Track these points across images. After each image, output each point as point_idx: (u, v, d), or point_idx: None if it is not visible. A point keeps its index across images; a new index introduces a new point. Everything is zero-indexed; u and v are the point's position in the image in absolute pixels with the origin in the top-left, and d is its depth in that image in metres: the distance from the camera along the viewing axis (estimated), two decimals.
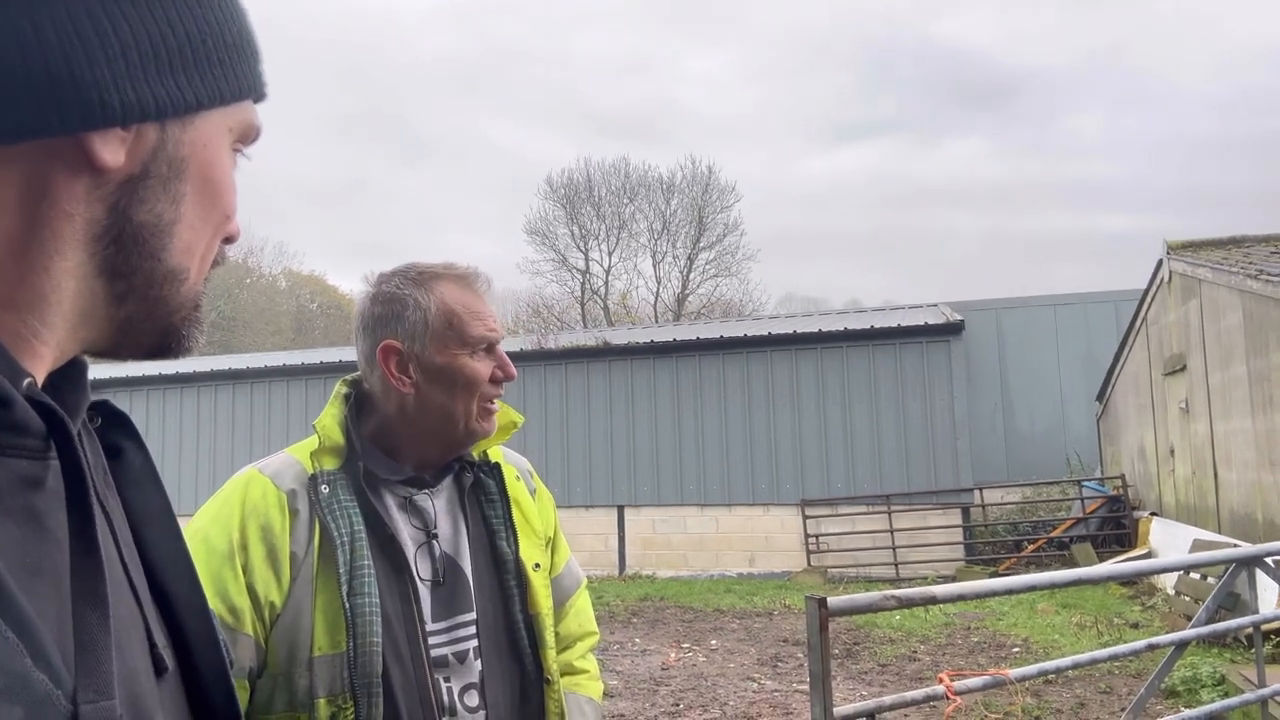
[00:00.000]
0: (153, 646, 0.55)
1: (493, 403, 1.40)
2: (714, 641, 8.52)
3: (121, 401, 16.30)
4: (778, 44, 51.86)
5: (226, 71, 0.55)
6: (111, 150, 0.50)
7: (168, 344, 0.58)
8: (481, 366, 1.36)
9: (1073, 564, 10.99)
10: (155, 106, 0.51)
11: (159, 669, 0.55)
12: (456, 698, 1.30)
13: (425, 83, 56.20)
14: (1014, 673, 2.79)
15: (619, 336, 15.64)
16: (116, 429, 0.61)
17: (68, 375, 0.55)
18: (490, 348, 1.38)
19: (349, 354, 17.26)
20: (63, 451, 0.49)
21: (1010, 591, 2.81)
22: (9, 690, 0.41)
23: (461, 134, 52.93)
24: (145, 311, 0.55)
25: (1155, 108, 52.68)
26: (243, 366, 15.74)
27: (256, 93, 0.60)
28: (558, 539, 1.60)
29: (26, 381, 0.48)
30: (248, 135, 0.60)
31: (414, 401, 1.35)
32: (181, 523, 1.36)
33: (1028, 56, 53.39)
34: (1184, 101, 51.82)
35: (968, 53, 51.66)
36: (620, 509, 13.49)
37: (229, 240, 0.61)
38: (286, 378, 15.17)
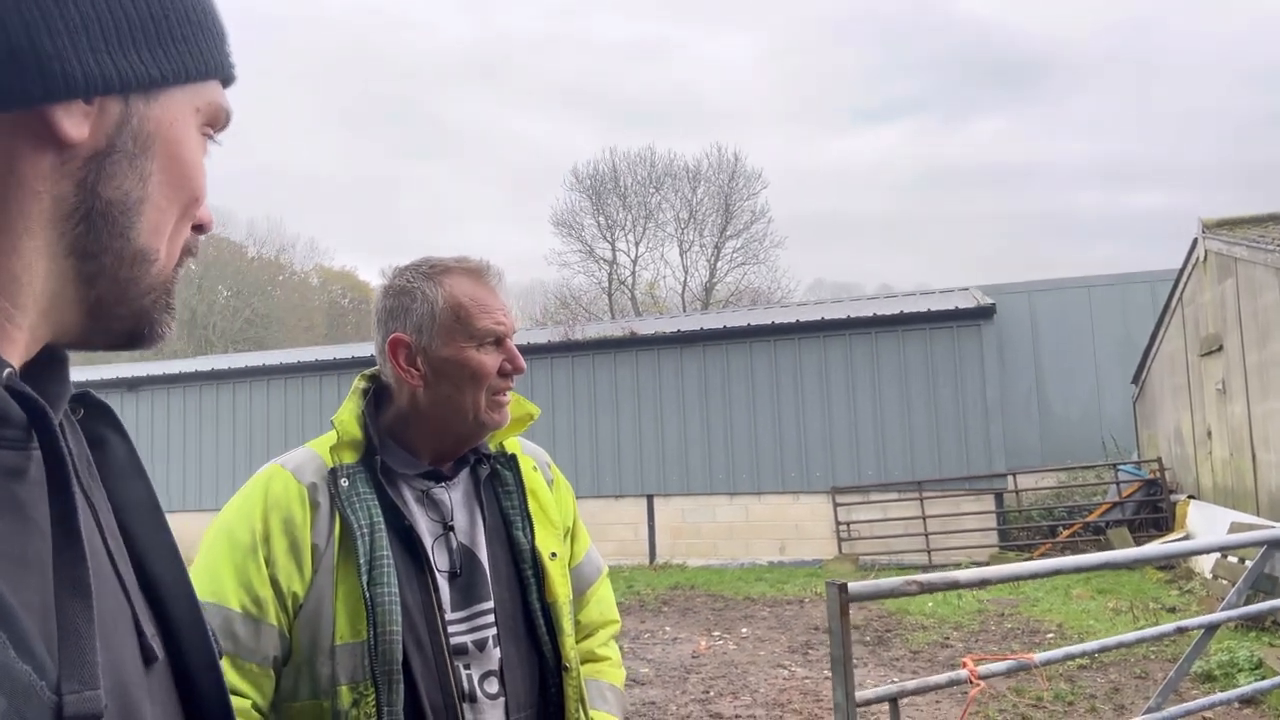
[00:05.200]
0: (141, 636, 0.55)
1: (504, 395, 1.40)
2: (744, 629, 8.54)
3: (160, 399, 16.57)
4: (797, 25, 51.36)
5: (191, 48, 0.55)
6: (75, 124, 0.49)
7: (140, 330, 0.57)
8: (489, 359, 1.37)
9: (1109, 549, 10.86)
10: (118, 79, 0.50)
11: (148, 658, 0.55)
12: (476, 685, 1.32)
13: (446, 76, 56.39)
14: (1039, 657, 2.79)
15: (646, 326, 15.65)
16: (99, 420, 0.61)
17: (49, 367, 0.55)
18: (499, 341, 1.38)
19: None
20: (44, 442, 0.49)
21: (1035, 575, 2.80)
22: None
23: (484, 126, 53.13)
24: (116, 294, 0.54)
25: (1184, 82, 51.55)
26: (277, 363, 15.97)
27: (224, 74, 0.59)
28: (577, 529, 1.61)
29: (6, 372, 0.48)
30: (217, 119, 0.59)
31: (423, 394, 1.37)
32: (209, 518, 1.40)
33: (1052, 31, 52.43)
34: (1214, 74, 50.64)
35: (990, 29, 50.85)
36: (650, 498, 13.53)
37: (201, 229, 0.60)
38: (320, 373, 15.36)
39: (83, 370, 19.51)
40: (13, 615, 0.43)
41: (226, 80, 0.60)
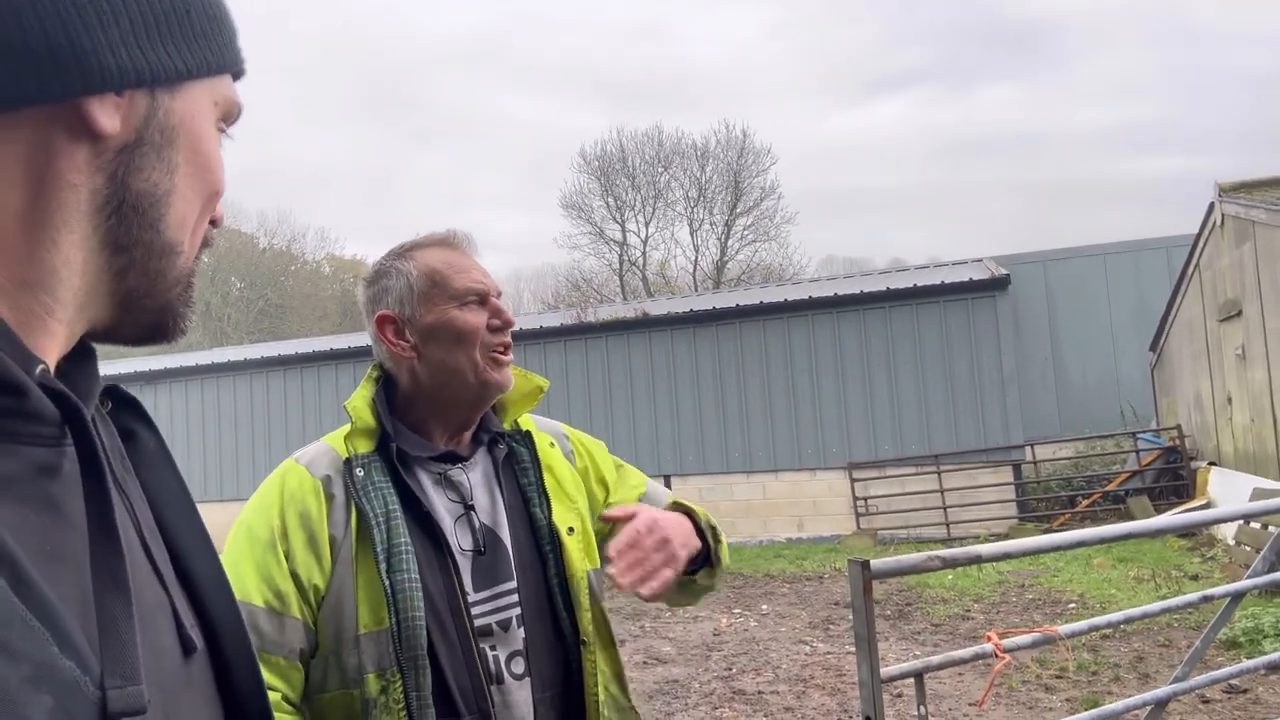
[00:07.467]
0: (180, 627, 0.55)
1: (502, 352, 1.40)
2: (765, 606, 8.57)
3: (179, 391, 16.63)
4: None
5: (210, 42, 0.56)
6: (108, 116, 0.50)
7: (165, 323, 0.58)
8: (473, 317, 1.37)
9: (1129, 518, 10.81)
10: (150, 72, 0.52)
11: (187, 649, 0.55)
12: (503, 665, 1.32)
13: (448, 60, 56.20)
14: (1064, 629, 2.77)
15: (658, 307, 15.63)
16: (128, 413, 0.61)
17: (79, 362, 0.55)
18: (482, 300, 1.39)
19: None
20: (78, 438, 0.49)
21: (1057, 548, 2.77)
22: (37, 678, 0.41)
23: (489, 111, 52.95)
24: (146, 287, 0.55)
25: (1197, 43, 50.73)
26: (292, 352, 16.04)
27: (236, 67, 0.60)
28: (624, 472, 1.60)
29: (39, 369, 0.48)
30: (230, 112, 0.60)
31: (420, 366, 1.37)
32: (231, 507, 1.40)
33: None
34: (1227, 34, 49.81)
35: None
36: (666, 479, 13.54)
37: (214, 223, 0.61)
38: (335, 361, 15.43)
39: (100, 365, 19.64)
40: (54, 612, 0.43)
41: (238, 74, 0.61)
